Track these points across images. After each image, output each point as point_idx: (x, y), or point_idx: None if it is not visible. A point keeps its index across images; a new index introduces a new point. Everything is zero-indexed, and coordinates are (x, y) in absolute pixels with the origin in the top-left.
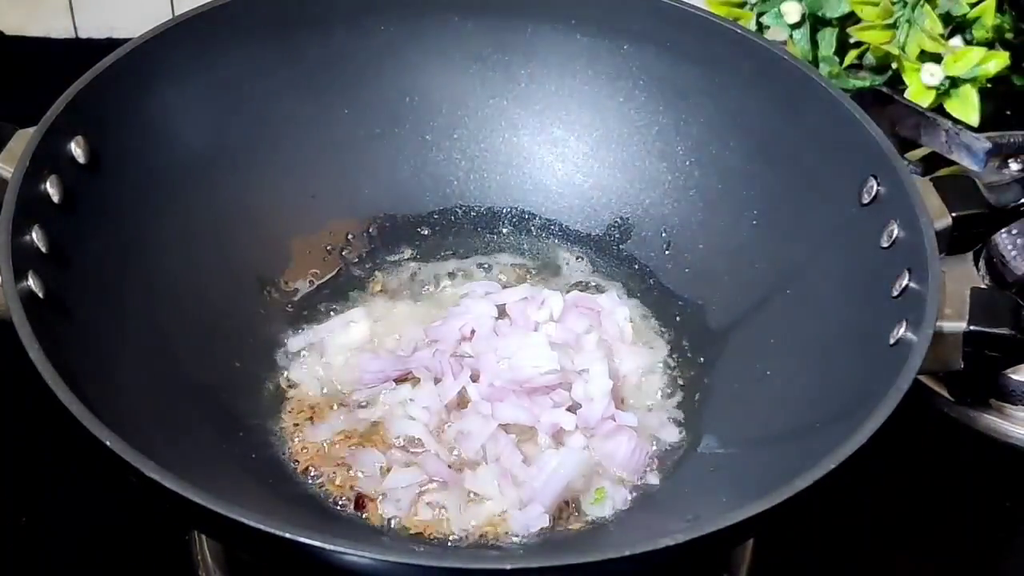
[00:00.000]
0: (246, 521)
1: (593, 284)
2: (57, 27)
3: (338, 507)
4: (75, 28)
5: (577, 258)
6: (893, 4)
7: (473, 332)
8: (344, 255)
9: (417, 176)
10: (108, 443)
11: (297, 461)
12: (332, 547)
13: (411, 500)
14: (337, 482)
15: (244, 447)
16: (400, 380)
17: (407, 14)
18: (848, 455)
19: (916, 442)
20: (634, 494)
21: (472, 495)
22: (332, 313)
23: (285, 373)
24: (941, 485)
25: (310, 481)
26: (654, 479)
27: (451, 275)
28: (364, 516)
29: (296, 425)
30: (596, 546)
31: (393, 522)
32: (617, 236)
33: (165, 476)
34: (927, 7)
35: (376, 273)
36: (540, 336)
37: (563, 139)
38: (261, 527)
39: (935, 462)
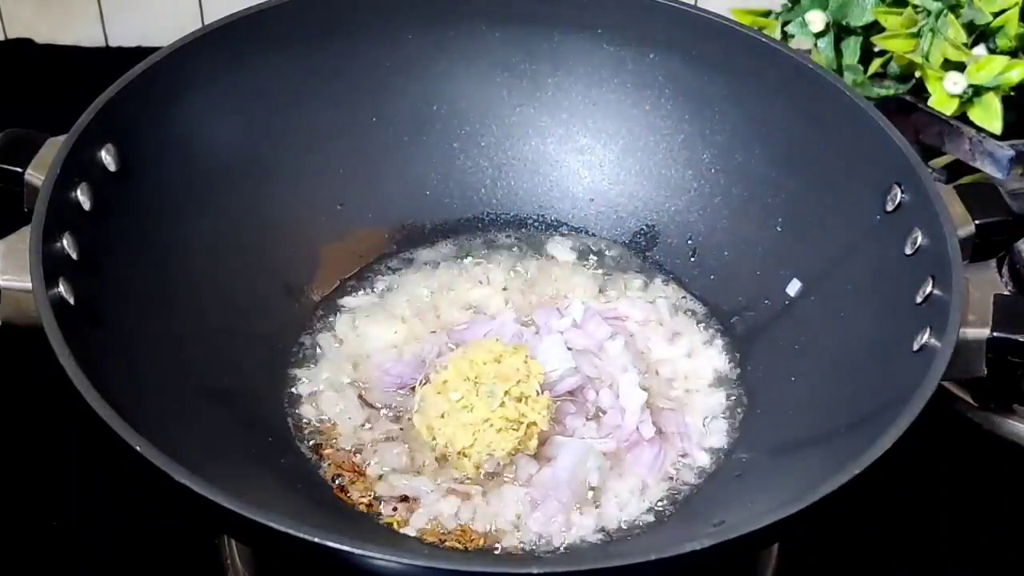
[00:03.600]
0: (275, 526)
1: (617, 292)
2: (88, 36)
3: (362, 511)
4: (105, 37)
5: (603, 265)
6: (917, 13)
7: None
8: (372, 262)
9: (445, 184)
10: (139, 448)
11: (324, 466)
12: (360, 551)
13: (435, 507)
14: (361, 488)
15: (272, 452)
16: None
17: (434, 23)
18: (873, 460)
19: (940, 447)
20: (662, 500)
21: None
22: (359, 319)
23: (311, 380)
24: (965, 489)
25: (336, 486)
26: (681, 484)
27: (480, 282)
28: (390, 522)
29: (322, 432)
30: (623, 551)
31: (417, 529)
32: (643, 243)
33: (195, 481)
34: (951, 16)
35: (403, 279)
36: (556, 338)
37: (589, 147)
38: (290, 532)
39: (958, 467)
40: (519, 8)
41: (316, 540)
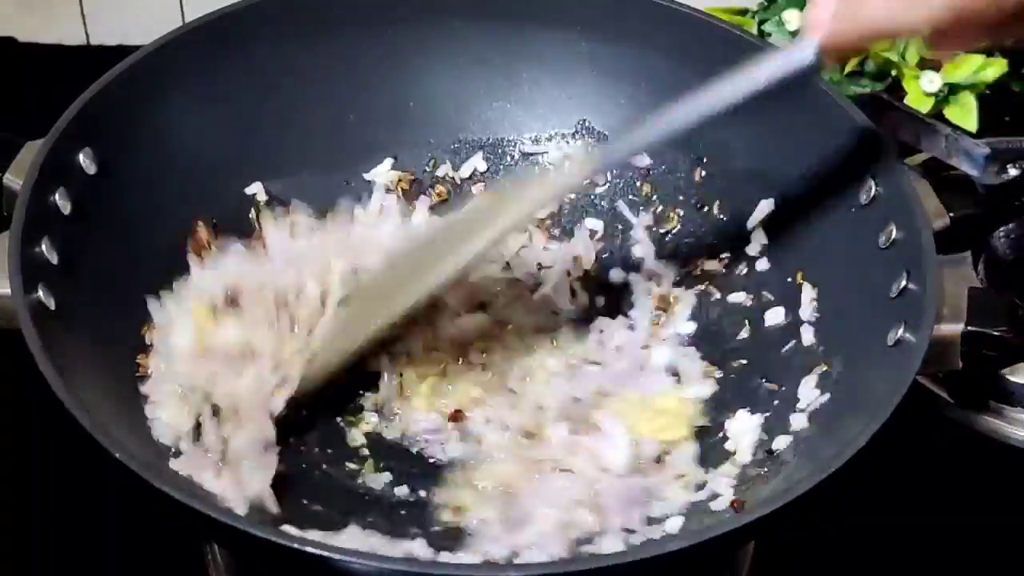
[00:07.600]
0: (255, 532)
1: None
2: (69, 34)
3: None
4: (87, 35)
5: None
6: None
7: None
8: None
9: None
10: (118, 455)
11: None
12: (338, 556)
13: None
14: None
15: None
16: None
17: (411, 19)
18: (848, 457)
19: (916, 444)
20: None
21: None
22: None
23: None
24: (941, 486)
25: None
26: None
27: None
28: None
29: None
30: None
31: None
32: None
33: (174, 488)
34: None
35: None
36: None
37: (566, 141)
38: (270, 538)
39: (935, 463)
40: (495, 4)
41: (295, 546)
